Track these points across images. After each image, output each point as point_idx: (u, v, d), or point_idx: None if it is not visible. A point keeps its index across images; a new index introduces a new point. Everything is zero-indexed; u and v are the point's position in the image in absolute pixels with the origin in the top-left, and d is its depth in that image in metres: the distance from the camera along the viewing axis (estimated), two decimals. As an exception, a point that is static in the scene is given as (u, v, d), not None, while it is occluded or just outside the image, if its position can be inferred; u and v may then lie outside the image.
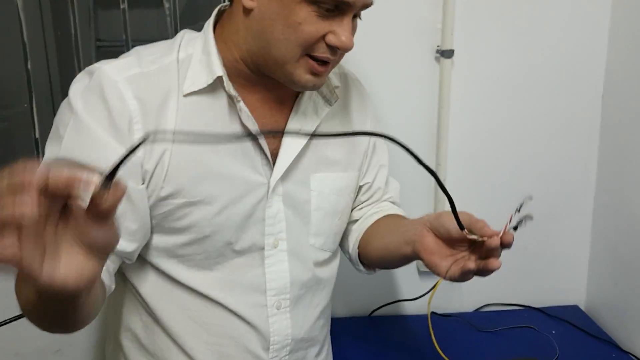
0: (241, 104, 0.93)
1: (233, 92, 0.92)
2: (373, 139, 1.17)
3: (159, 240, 0.98)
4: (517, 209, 0.82)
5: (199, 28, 1.02)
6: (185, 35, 0.99)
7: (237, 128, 0.95)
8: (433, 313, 1.63)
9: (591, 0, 1.56)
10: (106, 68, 0.90)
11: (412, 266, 1.66)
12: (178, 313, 1.02)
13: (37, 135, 1.51)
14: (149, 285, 1.02)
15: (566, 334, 1.59)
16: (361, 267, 1.18)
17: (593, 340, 1.56)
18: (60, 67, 1.58)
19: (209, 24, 0.98)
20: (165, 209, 0.95)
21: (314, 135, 1.02)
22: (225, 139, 0.97)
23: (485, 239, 0.82)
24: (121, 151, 0.80)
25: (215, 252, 0.99)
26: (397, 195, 1.23)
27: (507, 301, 1.73)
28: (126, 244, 0.92)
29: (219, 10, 1.00)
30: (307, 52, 0.89)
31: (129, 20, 1.49)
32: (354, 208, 1.19)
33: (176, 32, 1.11)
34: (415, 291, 1.60)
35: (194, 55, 0.95)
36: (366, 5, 0.90)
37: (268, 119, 0.99)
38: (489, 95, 1.59)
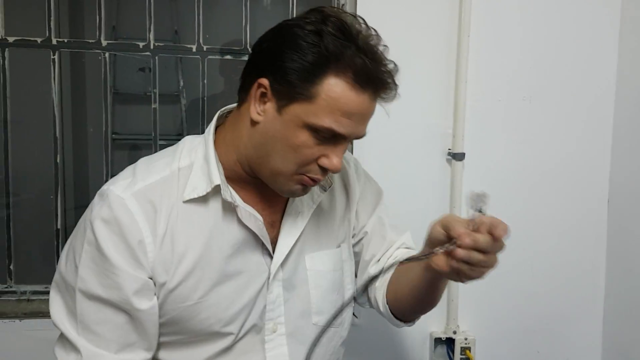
0: (240, 208, 0.98)
1: (229, 199, 0.97)
2: (353, 203, 1.17)
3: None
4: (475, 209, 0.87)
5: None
6: (187, 143, 1.04)
7: (234, 229, 1.00)
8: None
9: (594, 106, 1.65)
10: (113, 188, 0.95)
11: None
12: None
13: (59, 226, 1.55)
14: None
15: None
16: (397, 322, 1.16)
17: None
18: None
19: (210, 129, 1.03)
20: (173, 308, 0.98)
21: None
22: None
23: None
24: (133, 275, 0.92)
25: (217, 337, 1.00)
26: (409, 241, 1.22)
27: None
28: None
29: (220, 115, 1.06)
30: (300, 170, 0.96)
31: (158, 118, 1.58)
32: (369, 265, 1.18)
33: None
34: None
35: (195, 163, 1.00)
36: (359, 137, 0.98)
37: (267, 212, 1.04)
38: (498, 195, 1.62)
